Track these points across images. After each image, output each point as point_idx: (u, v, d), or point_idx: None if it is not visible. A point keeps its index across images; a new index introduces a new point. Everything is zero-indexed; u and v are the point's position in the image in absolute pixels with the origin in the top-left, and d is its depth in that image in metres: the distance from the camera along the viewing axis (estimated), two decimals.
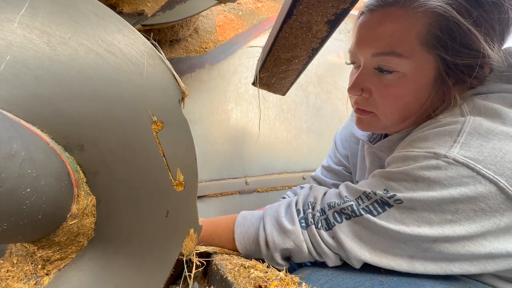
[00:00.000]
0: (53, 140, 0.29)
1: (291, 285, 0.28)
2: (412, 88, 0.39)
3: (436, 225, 0.33)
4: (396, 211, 0.35)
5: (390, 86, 0.40)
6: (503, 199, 0.30)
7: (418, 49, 0.37)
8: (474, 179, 0.31)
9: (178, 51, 0.96)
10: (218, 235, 0.52)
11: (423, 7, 0.36)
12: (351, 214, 0.39)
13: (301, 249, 0.43)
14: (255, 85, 0.60)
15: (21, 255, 0.31)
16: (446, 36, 0.36)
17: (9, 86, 0.27)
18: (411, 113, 0.42)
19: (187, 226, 0.36)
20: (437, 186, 0.32)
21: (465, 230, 0.32)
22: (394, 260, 0.36)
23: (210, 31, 1.02)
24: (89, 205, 0.31)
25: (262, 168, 1.03)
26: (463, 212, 0.32)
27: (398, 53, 0.38)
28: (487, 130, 0.32)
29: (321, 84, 1.17)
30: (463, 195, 0.31)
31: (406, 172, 0.35)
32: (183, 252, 0.36)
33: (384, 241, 0.36)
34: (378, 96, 0.42)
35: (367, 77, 0.43)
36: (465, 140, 0.33)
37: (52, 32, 0.29)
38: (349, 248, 0.38)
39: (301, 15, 0.40)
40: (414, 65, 0.38)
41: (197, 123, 0.97)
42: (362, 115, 0.47)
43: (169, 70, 0.34)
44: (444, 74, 0.38)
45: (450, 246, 0.33)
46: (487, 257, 0.33)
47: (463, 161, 0.31)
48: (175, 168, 0.34)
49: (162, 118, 0.33)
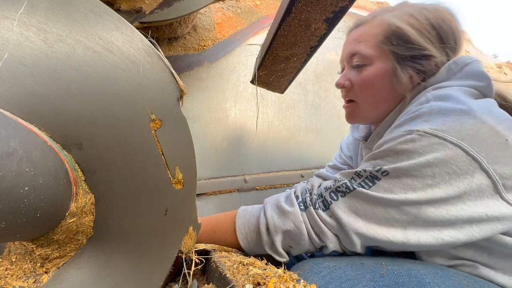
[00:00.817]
0: (51, 138, 0.29)
1: (289, 282, 0.28)
2: (377, 74, 0.53)
3: (420, 190, 0.39)
4: (385, 182, 0.41)
5: (363, 76, 0.54)
6: (469, 160, 0.37)
7: (377, 46, 0.52)
8: (442, 145, 0.38)
9: (176, 49, 0.96)
10: (219, 228, 0.53)
11: (377, 21, 0.53)
12: (346, 191, 0.44)
13: (301, 231, 0.45)
14: (254, 83, 0.60)
15: (20, 254, 0.31)
16: (392, 36, 0.51)
17: (6, 84, 0.27)
18: (382, 98, 0.54)
19: (186, 224, 0.36)
20: (415, 154, 0.39)
21: (444, 192, 0.38)
22: (389, 231, 0.41)
23: (209, 29, 1.02)
24: (87, 203, 0.31)
25: (261, 166, 1.04)
26: (439, 176, 0.38)
27: (364, 51, 0.53)
28: (446, 109, 0.41)
29: (320, 82, 1.17)
30: (436, 159, 0.38)
31: (388, 149, 0.42)
32: (182, 250, 0.36)
33: (377, 211, 0.41)
34: (356, 84, 0.55)
35: (348, 72, 0.57)
36: (431, 118, 0.41)
37: (49, 29, 0.29)
38: (346, 222, 0.42)
39: (300, 13, 0.39)
40: (375, 58, 0.53)
41: (196, 121, 0.96)
42: (347, 105, 0.60)
43: (168, 68, 0.34)
44: (396, 64, 0.51)
45: (435, 211, 0.39)
46: (470, 221, 0.38)
47: (432, 132, 0.39)
48: (174, 166, 0.34)
49: (160, 116, 0.33)
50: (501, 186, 0.37)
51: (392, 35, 0.50)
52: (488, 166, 0.37)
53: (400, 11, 0.52)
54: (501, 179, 0.37)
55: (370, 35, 0.53)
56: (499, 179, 0.37)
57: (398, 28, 0.50)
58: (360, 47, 0.54)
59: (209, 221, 0.54)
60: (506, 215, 0.37)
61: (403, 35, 0.50)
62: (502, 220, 0.38)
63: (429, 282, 0.36)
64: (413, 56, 0.50)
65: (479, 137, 0.38)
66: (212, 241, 0.51)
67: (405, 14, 0.51)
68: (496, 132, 0.38)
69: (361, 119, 0.60)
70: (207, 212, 0.92)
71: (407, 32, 0.49)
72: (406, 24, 0.50)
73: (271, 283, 0.27)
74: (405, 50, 0.50)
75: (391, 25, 0.51)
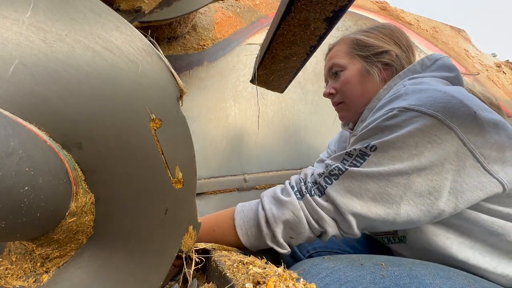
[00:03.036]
0: (51, 138, 0.29)
1: (289, 281, 0.28)
2: (353, 74, 0.64)
3: (406, 160, 0.42)
4: (374, 157, 0.44)
5: (342, 79, 0.65)
6: (445, 130, 0.41)
7: (347, 55, 0.66)
8: (420, 117, 0.42)
9: (176, 49, 0.96)
10: (218, 226, 0.53)
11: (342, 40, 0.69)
12: (339, 173, 0.46)
13: (300, 219, 0.47)
14: (253, 82, 0.60)
15: (20, 253, 0.31)
16: (355, 45, 0.65)
17: (5, 84, 0.27)
18: (363, 91, 0.63)
19: (186, 223, 0.36)
20: (397, 128, 0.44)
21: (427, 159, 0.41)
22: (383, 208, 0.43)
23: (208, 28, 1.02)
24: (87, 203, 0.31)
25: (261, 165, 1.04)
26: (422, 145, 0.42)
27: (338, 61, 0.66)
28: (420, 88, 0.47)
29: (319, 82, 1.17)
30: (416, 129, 0.42)
31: (374, 127, 0.46)
32: (182, 249, 0.36)
33: (370, 187, 0.44)
34: (339, 88, 0.66)
35: (331, 82, 0.70)
36: (408, 97, 0.47)
37: (49, 29, 0.29)
38: (341, 203, 0.44)
39: (299, 12, 0.39)
40: (348, 64, 0.65)
41: (196, 121, 0.96)
42: (338, 107, 0.70)
43: (167, 68, 0.34)
44: (364, 62, 0.63)
45: (422, 181, 0.42)
46: (454, 192, 0.41)
47: (410, 107, 0.44)
48: (174, 166, 0.34)
49: (160, 116, 0.33)
50: (479, 155, 0.40)
51: (355, 45, 0.65)
52: (462, 135, 0.41)
53: (356, 31, 0.69)
54: (477, 148, 0.40)
55: (340, 50, 0.68)
56: (475, 148, 0.40)
57: (358, 39, 0.65)
58: (334, 60, 0.67)
59: (207, 220, 0.54)
60: (486, 184, 0.41)
61: (363, 42, 0.64)
62: (483, 189, 0.41)
63: (430, 283, 0.36)
64: (374, 54, 0.62)
65: (451, 108, 0.42)
66: (212, 240, 0.51)
67: (360, 31, 0.68)
68: (465, 105, 0.42)
69: (352, 114, 0.68)
70: (207, 211, 0.92)
71: (365, 39, 0.64)
72: (362, 35, 0.65)
73: (271, 282, 0.27)
74: (367, 51, 0.63)
75: (353, 39, 0.66)
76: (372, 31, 0.66)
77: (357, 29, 0.71)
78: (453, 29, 1.65)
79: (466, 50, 1.63)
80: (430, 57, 0.58)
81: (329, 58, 0.70)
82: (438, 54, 0.58)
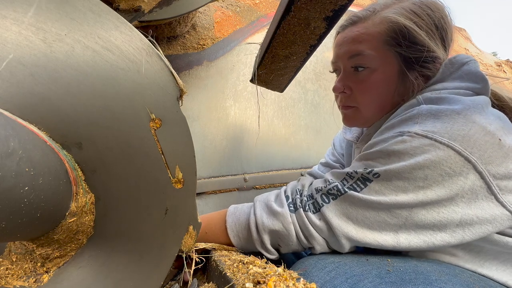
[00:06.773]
0: (51, 138, 0.29)
1: (289, 281, 0.28)
2: (382, 79, 0.49)
3: (411, 192, 0.38)
4: (376, 185, 0.40)
5: (365, 80, 0.50)
6: (462, 161, 0.36)
7: (381, 48, 0.48)
8: (433, 146, 0.37)
9: (175, 48, 0.96)
10: (210, 229, 0.52)
11: (378, 18, 0.48)
12: (337, 194, 0.43)
13: (289, 232, 0.45)
14: (253, 82, 0.60)
15: (20, 253, 0.31)
16: (398, 36, 0.46)
17: (5, 84, 0.27)
18: (385, 103, 0.51)
19: (186, 223, 0.36)
20: (406, 156, 0.39)
21: (436, 194, 0.37)
22: (380, 235, 0.40)
23: (208, 27, 1.02)
24: (88, 203, 0.31)
25: (261, 165, 1.04)
26: (432, 178, 0.37)
27: (367, 52, 0.48)
28: (437, 110, 0.40)
29: (319, 81, 1.17)
30: (427, 160, 0.37)
31: (380, 150, 0.41)
32: (182, 249, 0.36)
33: (368, 215, 0.41)
34: (357, 90, 0.51)
35: (347, 76, 0.53)
36: (422, 120, 0.40)
37: (48, 29, 0.29)
38: (336, 225, 0.42)
39: (299, 11, 0.39)
40: (380, 61, 0.48)
41: (196, 121, 0.96)
42: (346, 110, 0.55)
43: (167, 68, 0.34)
44: (403, 68, 0.48)
45: (426, 213, 0.38)
46: (462, 224, 0.37)
47: (423, 133, 0.38)
48: (174, 166, 0.34)
49: (160, 115, 0.33)
50: (495, 187, 0.36)
51: (397, 35, 0.46)
52: (482, 167, 0.36)
53: (400, 7, 0.48)
54: (494, 180, 0.36)
55: (372, 35, 0.48)
56: (493, 180, 0.36)
57: (403, 27, 0.45)
58: (362, 47, 0.48)
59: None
60: (497, 217, 0.37)
61: (410, 36, 0.45)
62: (494, 222, 0.37)
63: (436, 279, 0.36)
64: (421, 59, 0.46)
65: (471, 137, 0.37)
66: (204, 241, 0.51)
67: (406, 10, 0.47)
68: (488, 132, 0.37)
69: (362, 124, 0.56)
70: (207, 211, 0.92)
71: (414, 33, 0.45)
72: (411, 23, 0.46)
73: (271, 282, 0.27)
74: (413, 52, 0.46)
75: (395, 24, 0.46)
76: (423, 15, 0.47)
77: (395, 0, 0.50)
78: (454, 28, 1.65)
79: (466, 49, 1.62)
80: (454, 60, 0.47)
81: (352, 40, 0.50)
82: (464, 57, 0.47)
